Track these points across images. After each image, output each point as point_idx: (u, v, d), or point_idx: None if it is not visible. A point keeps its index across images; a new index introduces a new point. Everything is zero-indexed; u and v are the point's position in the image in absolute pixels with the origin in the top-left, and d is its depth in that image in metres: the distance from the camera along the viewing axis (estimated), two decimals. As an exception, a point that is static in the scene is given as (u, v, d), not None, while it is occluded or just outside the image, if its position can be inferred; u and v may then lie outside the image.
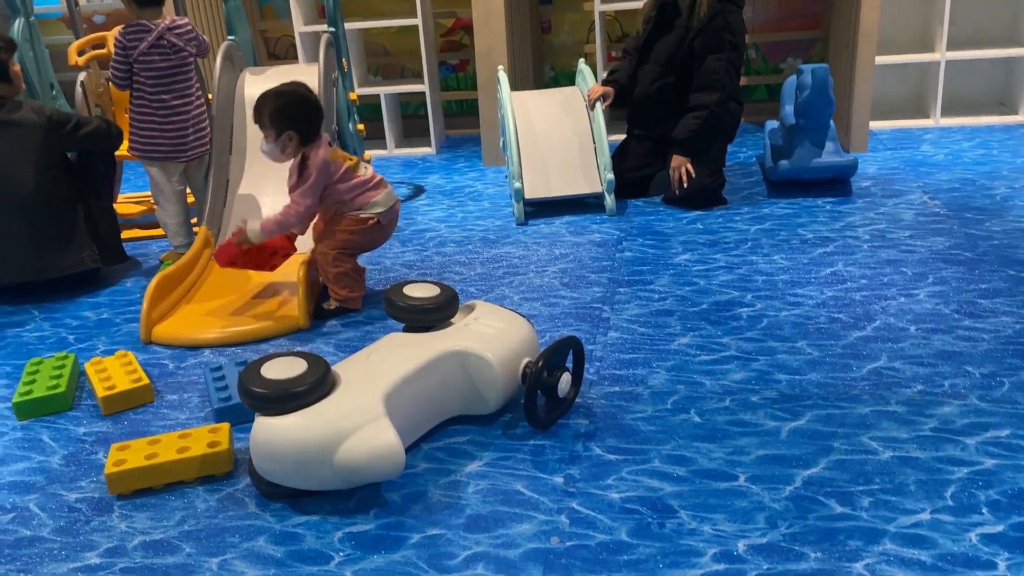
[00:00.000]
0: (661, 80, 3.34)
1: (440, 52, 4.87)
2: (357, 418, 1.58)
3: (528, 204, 3.35)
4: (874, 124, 4.06)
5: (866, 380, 1.93)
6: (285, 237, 2.46)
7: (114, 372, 2.12)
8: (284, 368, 1.63)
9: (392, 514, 1.58)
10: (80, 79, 3.36)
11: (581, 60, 3.76)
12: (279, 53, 5.05)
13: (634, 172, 3.46)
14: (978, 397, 1.83)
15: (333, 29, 3.53)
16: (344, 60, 3.61)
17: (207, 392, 2.06)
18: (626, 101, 3.49)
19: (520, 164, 3.34)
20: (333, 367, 1.71)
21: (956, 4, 4.04)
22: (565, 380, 1.81)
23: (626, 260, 2.78)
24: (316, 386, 1.61)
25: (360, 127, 3.75)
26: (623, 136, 3.62)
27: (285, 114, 2.34)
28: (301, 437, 1.56)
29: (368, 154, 3.95)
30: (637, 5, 4.00)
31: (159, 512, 1.64)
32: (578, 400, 1.91)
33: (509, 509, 1.57)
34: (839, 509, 1.51)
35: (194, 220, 3.10)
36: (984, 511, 1.47)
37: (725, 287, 2.50)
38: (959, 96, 4.32)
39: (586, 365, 1.99)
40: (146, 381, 2.07)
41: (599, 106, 3.39)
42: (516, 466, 1.70)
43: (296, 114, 2.35)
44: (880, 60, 3.92)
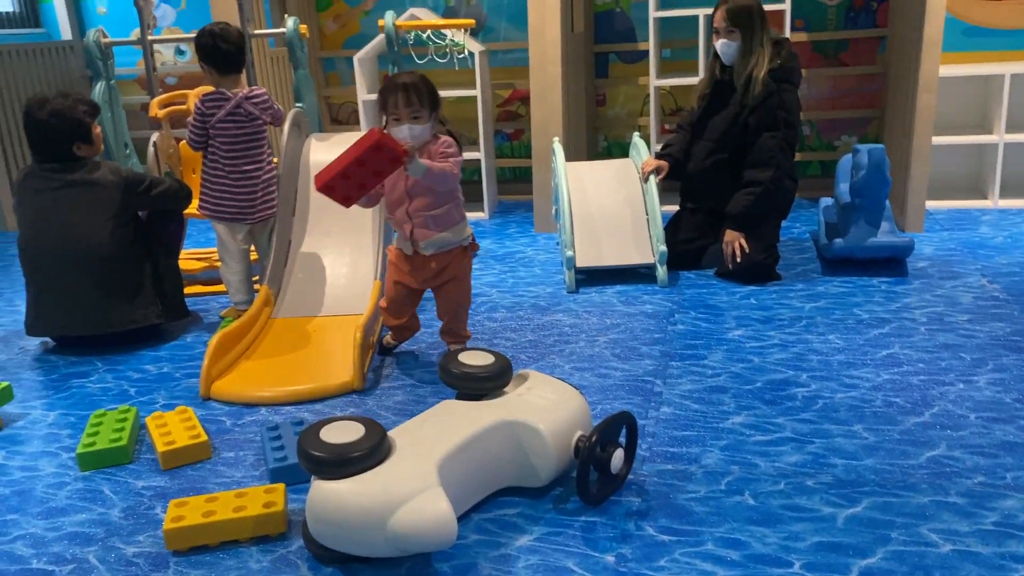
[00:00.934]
0: (715, 156, 3.38)
1: (496, 121, 4.99)
2: (411, 486, 1.60)
3: (579, 272, 3.38)
4: (930, 204, 4.04)
5: (925, 468, 1.89)
6: (398, 158, 2.20)
7: (174, 427, 2.17)
8: (342, 432, 1.65)
9: (442, 585, 1.58)
10: (152, 139, 3.51)
11: (635, 132, 3.83)
12: (341, 119, 5.22)
13: (687, 244, 3.48)
14: (1043, 492, 1.78)
15: (396, 98, 3.64)
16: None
17: (263, 451, 2.10)
18: (680, 175, 3.53)
19: (573, 232, 3.38)
20: (388, 432, 1.74)
21: (1015, 85, 4.04)
22: (618, 456, 1.81)
23: (678, 333, 2.78)
24: (373, 452, 1.63)
25: (417, 192, 3.84)
26: (676, 208, 3.65)
27: (437, 95, 2.41)
28: (356, 502, 1.58)
29: (423, 218, 4.03)
30: (691, 80, 4.08)
31: (213, 570, 1.66)
32: (630, 477, 1.90)
33: (559, 586, 1.56)
34: (898, 603, 1.47)
35: (255, 278, 3.19)
36: (1052, 614, 1.42)
37: (779, 365, 2.48)
38: (1018, 178, 4.29)
39: (639, 441, 1.98)
40: (204, 438, 2.12)
41: (653, 179, 3.44)
42: (567, 542, 1.70)
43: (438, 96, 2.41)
44: (937, 140, 3.92)
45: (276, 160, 3.26)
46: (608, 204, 3.52)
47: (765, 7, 3.29)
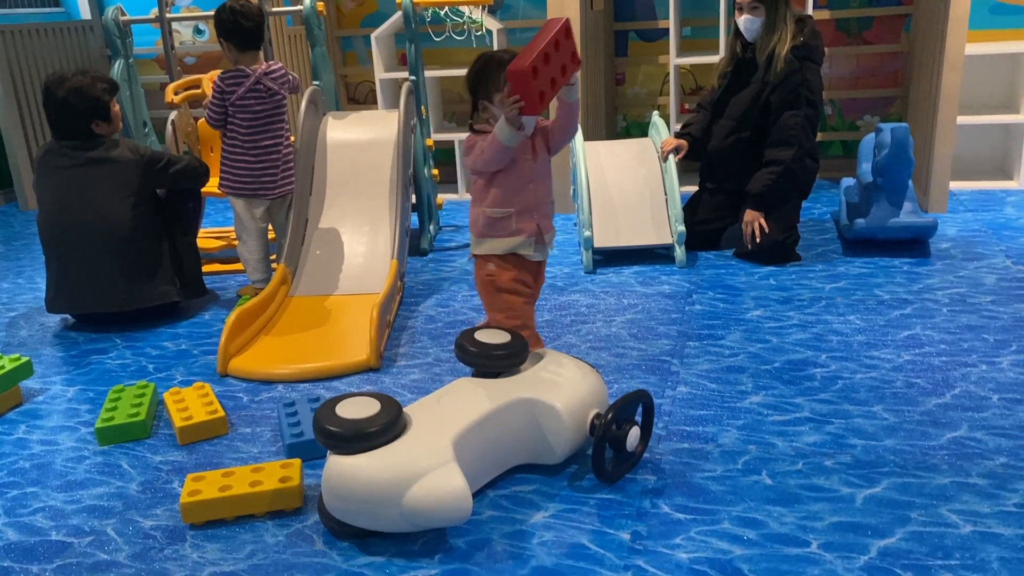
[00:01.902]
0: (735, 134, 3.34)
1: (514, 100, 4.95)
2: (427, 462, 1.60)
3: (597, 253, 3.36)
4: (954, 185, 3.98)
5: (945, 450, 1.87)
6: (576, 58, 1.98)
7: (191, 403, 2.18)
8: (358, 408, 1.66)
9: (456, 560, 1.58)
10: (171, 118, 3.52)
11: (655, 112, 3.79)
12: (358, 98, 5.21)
13: (706, 225, 3.45)
14: (1066, 474, 1.75)
15: (414, 77, 3.63)
16: (423, 107, 3.71)
17: (280, 427, 2.11)
18: (699, 154, 3.50)
19: (590, 213, 3.36)
20: (404, 408, 1.73)
21: (1043, 65, 3.96)
22: (634, 434, 1.80)
23: (696, 313, 2.76)
24: (389, 427, 1.63)
25: (435, 172, 3.83)
26: (695, 188, 3.62)
27: None
28: (371, 477, 1.58)
29: (440, 198, 4.02)
30: (712, 59, 4.03)
31: (230, 544, 1.67)
32: (646, 455, 1.89)
33: (574, 563, 1.56)
34: (917, 584, 1.45)
35: (273, 257, 3.19)
36: (1074, 596, 1.40)
37: (798, 346, 2.46)
38: (1044, 158, 4.21)
39: (655, 420, 1.97)
40: (222, 413, 2.13)
41: (672, 158, 3.40)
42: (582, 519, 1.69)
43: None
44: (962, 120, 3.85)
45: (294, 138, 3.26)
46: (626, 184, 3.49)
47: (788, -16, 3.23)
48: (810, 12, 3.90)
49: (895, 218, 3.18)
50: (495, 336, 1.97)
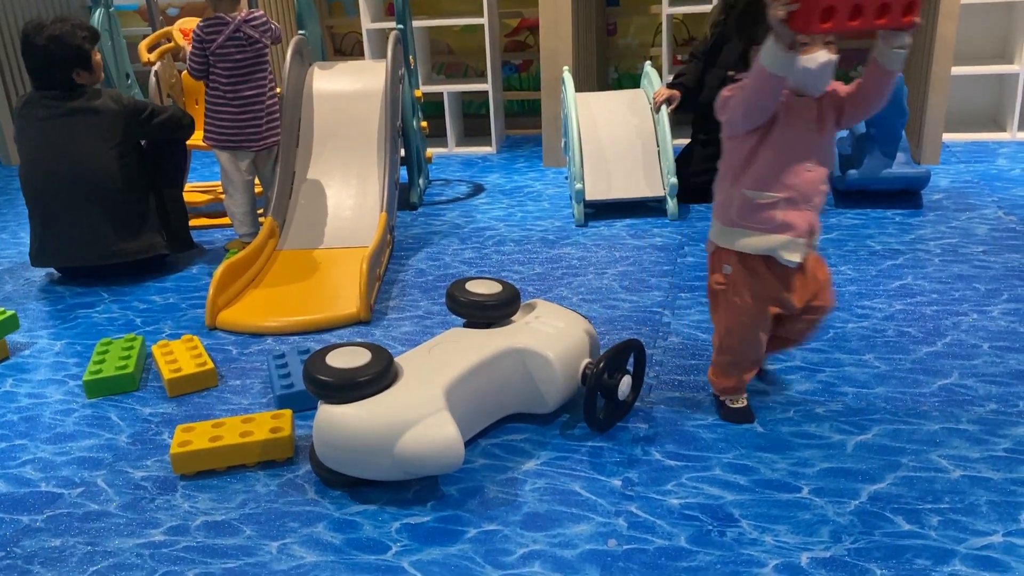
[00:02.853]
0: (729, 85, 3.29)
1: (504, 52, 4.88)
2: (418, 410, 1.59)
3: (588, 206, 3.34)
4: (947, 136, 3.95)
5: (936, 397, 1.87)
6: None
7: (180, 355, 2.16)
8: (349, 358, 1.64)
9: (449, 507, 1.58)
10: (155, 69, 3.44)
11: (647, 62, 3.73)
12: (345, 49, 5.12)
13: (699, 177, 3.41)
14: (1055, 419, 1.76)
15: (402, 26, 3.56)
16: (411, 57, 3.64)
17: (270, 379, 2.09)
18: (692, 105, 3.45)
19: (582, 165, 3.32)
20: (395, 358, 1.72)
21: (1038, 15, 3.91)
22: (625, 383, 1.80)
23: (688, 265, 2.75)
24: (379, 376, 1.62)
25: (423, 124, 3.78)
26: (687, 140, 3.58)
27: None
28: (363, 426, 1.57)
29: (430, 151, 3.98)
30: (704, 8, 3.97)
31: (221, 494, 1.67)
32: (637, 404, 1.89)
33: (566, 509, 1.56)
34: (906, 526, 1.46)
35: (260, 211, 3.15)
36: (1062, 537, 1.42)
37: (790, 296, 2.45)
38: (1038, 110, 4.18)
39: (646, 369, 1.96)
40: (211, 365, 2.11)
41: (664, 109, 3.36)
42: (573, 467, 1.69)
43: None
44: (956, 71, 3.82)
45: (280, 89, 3.20)
46: (618, 136, 3.45)
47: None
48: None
49: (888, 169, 3.16)
50: (486, 287, 1.95)
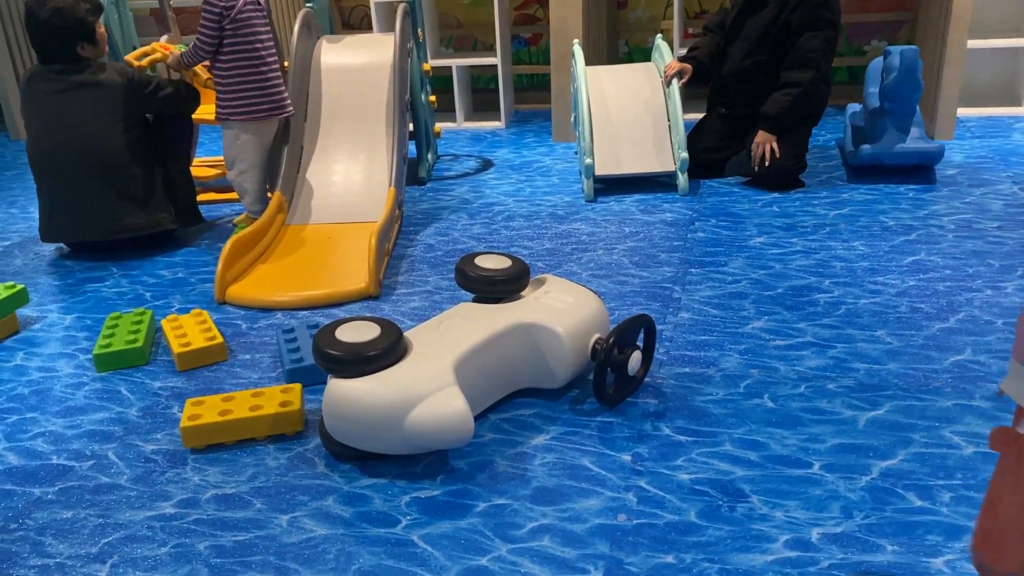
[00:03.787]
0: (753, 57, 3.24)
1: (513, 25, 4.83)
2: (428, 385, 1.58)
3: (598, 181, 3.31)
4: (962, 111, 3.90)
5: (949, 373, 1.86)
6: None
7: (189, 329, 2.16)
8: (358, 332, 1.64)
9: (459, 481, 1.58)
10: (162, 40, 3.41)
11: (658, 35, 3.69)
12: (353, 23, 5.08)
13: (711, 153, 3.39)
14: (1070, 396, 1.75)
15: (410, -1, 3.52)
16: (420, 31, 3.61)
17: (279, 353, 2.09)
18: (704, 78, 3.42)
19: (592, 140, 3.30)
20: (405, 333, 1.71)
21: (1057, -13, 3.85)
22: (635, 358, 1.79)
23: (699, 241, 2.73)
24: (389, 351, 1.61)
25: (432, 98, 3.75)
26: (699, 115, 3.55)
27: None
28: (373, 400, 1.57)
29: (438, 127, 3.95)
30: (718, -19, 3.91)
31: (231, 467, 1.67)
32: (647, 380, 1.88)
33: (576, 484, 1.56)
34: (918, 503, 1.46)
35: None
36: (1075, 514, 1.40)
37: (802, 272, 2.43)
38: (1054, 84, 4.13)
39: (656, 345, 1.95)
40: (220, 339, 2.11)
41: (675, 83, 3.33)
42: (583, 442, 1.69)
43: None
44: (972, 44, 3.76)
45: (287, 63, 3.17)
46: (629, 110, 3.42)
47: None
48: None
49: (902, 144, 3.13)
50: (496, 261, 1.94)
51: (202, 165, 3.68)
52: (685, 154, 3.20)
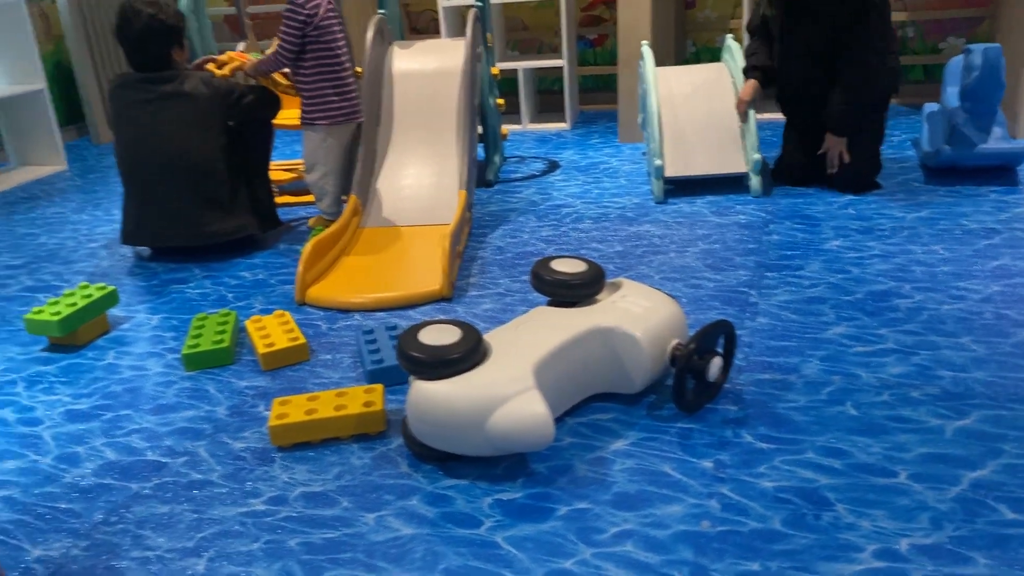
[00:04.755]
0: (815, 72, 3.13)
1: (579, 26, 4.84)
2: (509, 388, 1.60)
3: (668, 182, 3.30)
4: (1045, 109, 3.77)
5: (1039, 382, 1.81)
6: None
7: (273, 330, 2.22)
8: (440, 335, 1.67)
9: (539, 485, 1.60)
10: (240, 49, 3.51)
11: (728, 36, 3.65)
12: (420, 27, 5.14)
13: (793, 168, 3.29)
14: None
15: (480, 3, 3.56)
16: (488, 35, 3.64)
17: (359, 354, 2.14)
18: (771, 83, 3.34)
19: (662, 141, 3.28)
20: (484, 336, 1.74)
21: None
22: (716, 364, 1.78)
23: (774, 243, 2.70)
24: (470, 354, 1.64)
25: (500, 101, 3.78)
26: (768, 116, 3.49)
27: None
28: (457, 402, 1.59)
29: (505, 129, 3.98)
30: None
31: (317, 466, 1.72)
32: (726, 386, 1.88)
33: (657, 490, 1.56)
34: (1011, 515, 1.42)
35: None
36: None
37: (881, 276, 2.39)
38: None
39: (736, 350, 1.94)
40: (303, 340, 2.17)
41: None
42: (663, 448, 1.69)
43: None
44: (1057, 40, 3.64)
45: (360, 69, 3.23)
46: (699, 111, 3.40)
47: None
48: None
49: (983, 144, 3.04)
50: (571, 265, 1.95)
51: (277, 169, 3.77)
52: (758, 155, 3.16)
